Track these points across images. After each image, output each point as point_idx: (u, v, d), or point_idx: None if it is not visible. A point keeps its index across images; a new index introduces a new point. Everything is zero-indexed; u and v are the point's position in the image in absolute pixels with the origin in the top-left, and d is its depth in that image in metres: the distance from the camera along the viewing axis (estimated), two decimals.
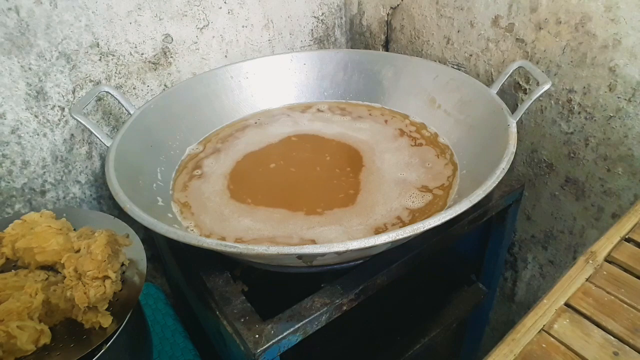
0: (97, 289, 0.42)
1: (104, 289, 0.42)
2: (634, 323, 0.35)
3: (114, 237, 0.47)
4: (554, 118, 0.66)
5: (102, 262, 0.43)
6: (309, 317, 0.46)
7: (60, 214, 0.52)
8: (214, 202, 0.59)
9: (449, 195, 0.57)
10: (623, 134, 0.59)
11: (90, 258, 0.43)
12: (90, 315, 0.41)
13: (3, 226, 0.48)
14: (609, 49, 0.57)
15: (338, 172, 0.63)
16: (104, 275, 0.43)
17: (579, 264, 0.40)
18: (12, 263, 0.47)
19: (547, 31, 0.62)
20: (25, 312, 0.40)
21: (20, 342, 0.38)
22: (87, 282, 0.42)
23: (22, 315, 0.40)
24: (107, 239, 0.45)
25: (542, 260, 0.79)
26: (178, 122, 0.68)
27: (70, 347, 0.40)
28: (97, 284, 0.42)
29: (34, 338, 0.39)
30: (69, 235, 0.48)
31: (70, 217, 0.52)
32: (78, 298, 0.41)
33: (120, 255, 0.46)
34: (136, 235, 0.50)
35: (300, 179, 0.62)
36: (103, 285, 0.42)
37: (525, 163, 0.73)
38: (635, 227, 0.44)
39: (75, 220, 0.51)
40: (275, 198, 0.59)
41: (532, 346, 0.34)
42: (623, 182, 0.62)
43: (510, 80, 0.69)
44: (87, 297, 0.41)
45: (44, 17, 0.57)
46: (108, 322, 0.41)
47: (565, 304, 0.37)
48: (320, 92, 0.81)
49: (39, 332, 0.40)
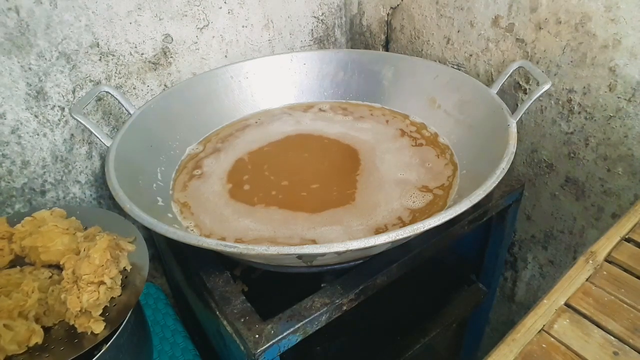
0: (91, 295, 0.41)
1: (98, 295, 0.42)
2: (634, 323, 0.35)
3: (116, 241, 0.47)
4: (554, 118, 0.66)
5: (100, 266, 0.43)
6: (309, 317, 0.46)
7: (73, 213, 0.52)
8: (214, 202, 0.59)
9: (449, 195, 0.57)
10: (623, 134, 0.59)
11: (88, 262, 0.43)
12: (83, 319, 0.41)
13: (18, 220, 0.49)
14: (609, 49, 0.57)
15: (339, 173, 0.63)
16: (99, 281, 0.42)
17: (579, 264, 0.40)
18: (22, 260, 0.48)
19: (547, 31, 0.62)
20: (16, 310, 0.40)
21: (3, 341, 0.38)
22: (82, 286, 0.42)
23: (13, 314, 0.40)
24: (107, 243, 0.45)
25: (542, 260, 0.79)
26: (178, 122, 0.68)
27: (60, 349, 0.40)
28: (92, 289, 0.42)
29: (22, 338, 0.39)
30: (75, 235, 0.48)
31: (82, 215, 0.52)
32: (70, 302, 0.41)
33: (121, 260, 0.46)
34: (143, 239, 0.50)
35: (301, 179, 0.62)
36: (97, 290, 0.42)
37: (525, 163, 0.73)
38: (635, 227, 0.44)
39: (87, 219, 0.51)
40: (276, 198, 0.59)
41: (532, 346, 0.34)
42: (623, 182, 0.62)
43: (510, 80, 0.69)
44: (80, 302, 0.41)
45: (44, 17, 0.57)
46: (99, 328, 0.41)
47: (565, 304, 0.37)
48: (321, 92, 0.81)
49: (30, 332, 0.39)
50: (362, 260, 0.52)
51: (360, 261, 0.52)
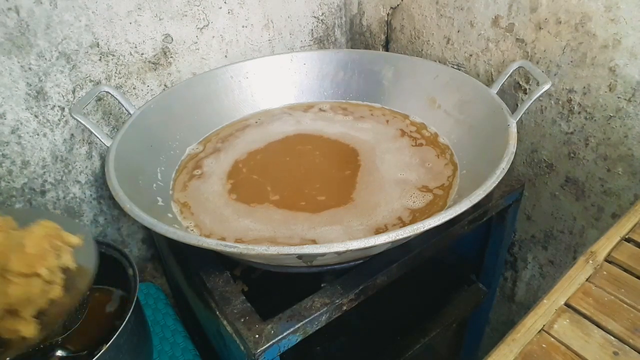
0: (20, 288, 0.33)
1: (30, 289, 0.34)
2: (634, 323, 0.35)
3: (58, 231, 0.39)
4: (554, 118, 0.66)
5: (35, 256, 0.35)
6: (309, 317, 0.46)
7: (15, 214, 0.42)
8: (214, 202, 0.59)
9: (449, 195, 0.57)
10: (623, 134, 0.59)
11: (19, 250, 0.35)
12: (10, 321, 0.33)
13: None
14: (609, 49, 0.57)
15: (339, 173, 0.63)
16: (33, 272, 0.34)
17: (579, 264, 0.40)
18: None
19: (547, 31, 0.62)
20: None
21: None
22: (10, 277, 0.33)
23: None
24: (45, 230, 0.37)
25: (542, 260, 0.79)
26: (178, 122, 0.68)
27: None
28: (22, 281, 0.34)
29: None
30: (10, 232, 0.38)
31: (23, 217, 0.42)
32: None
33: (63, 254, 0.38)
34: (93, 241, 0.43)
35: (301, 179, 0.62)
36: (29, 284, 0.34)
37: (525, 163, 0.73)
38: (635, 227, 0.44)
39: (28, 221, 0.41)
40: (276, 198, 0.59)
41: (532, 346, 0.34)
42: (623, 182, 0.62)
43: (510, 80, 0.69)
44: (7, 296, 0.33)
45: (44, 17, 0.57)
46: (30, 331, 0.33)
47: (565, 304, 0.37)
48: (321, 92, 0.81)
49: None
50: (362, 260, 0.52)
51: (360, 261, 0.52)
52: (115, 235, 0.75)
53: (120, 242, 0.76)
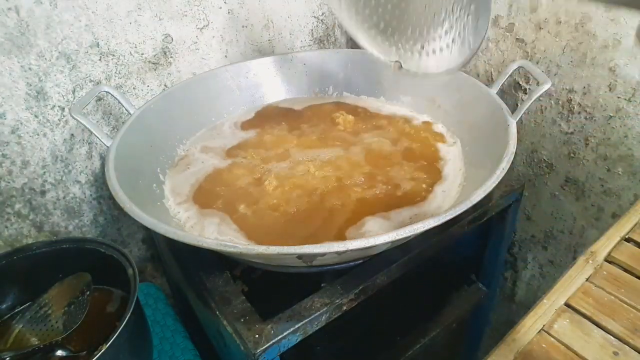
0: None
1: None
2: (634, 323, 0.35)
3: None
4: (554, 118, 0.66)
5: None
6: (309, 317, 0.46)
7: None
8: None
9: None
10: (623, 134, 0.59)
11: None
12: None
13: None
14: (609, 49, 0.57)
15: (340, 172, 0.63)
16: None
17: (579, 264, 0.41)
18: None
19: (547, 31, 0.62)
20: None
21: None
22: None
23: None
24: None
25: (542, 260, 0.79)
26: (178, 122, 0.68)
27: None
28: None
29: None
30: None
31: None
32: None
33: None
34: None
35: (302, 179, 0.62)
36: None
37: (525, 163, 0.73)
38: (635, 227, 0.44)
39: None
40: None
41: (532, 346, 0.34)
42: (623, 182, 0.62)
43: (510, 80, 0.69)
44: None
45: (44, 17, 0.57)
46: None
47: (565, 304, 0.37)
48: (321, 92, 0.81)
49: None
50: (362, 260, 0.52)
51: (360, 261, 0.52)
52: (115, 235, 0.75)
53: (120, 242, 0.76)
